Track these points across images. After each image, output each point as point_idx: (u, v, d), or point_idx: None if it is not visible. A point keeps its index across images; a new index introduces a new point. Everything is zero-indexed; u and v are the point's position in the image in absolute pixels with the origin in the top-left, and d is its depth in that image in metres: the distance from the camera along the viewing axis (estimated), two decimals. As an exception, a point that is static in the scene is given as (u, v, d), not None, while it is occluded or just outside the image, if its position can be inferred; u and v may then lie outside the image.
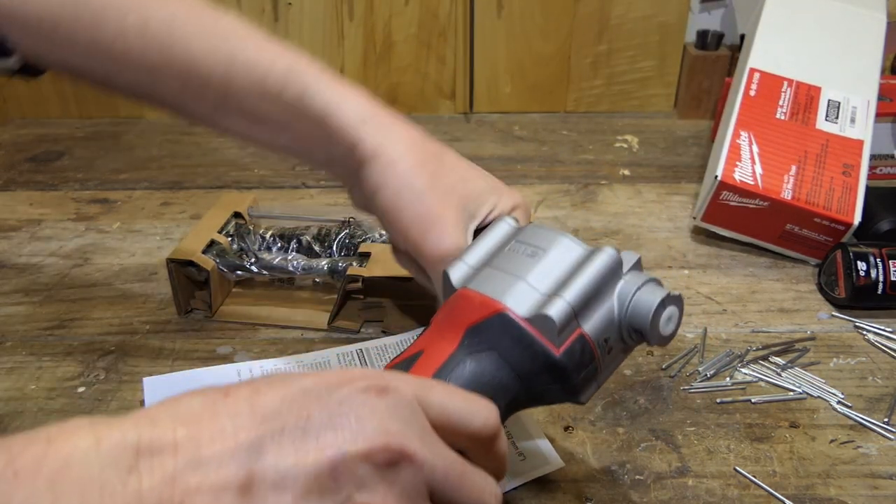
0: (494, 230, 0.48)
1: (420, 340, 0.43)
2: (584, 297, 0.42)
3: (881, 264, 0.70)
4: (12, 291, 0.76)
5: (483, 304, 0.42)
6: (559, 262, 0.43)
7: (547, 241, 0.44)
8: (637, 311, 0.43)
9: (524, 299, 0.42)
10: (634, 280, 0.44)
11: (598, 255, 0.43)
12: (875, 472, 0.55)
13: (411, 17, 1.12)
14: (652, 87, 1.18)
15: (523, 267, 0.43)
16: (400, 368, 0.42)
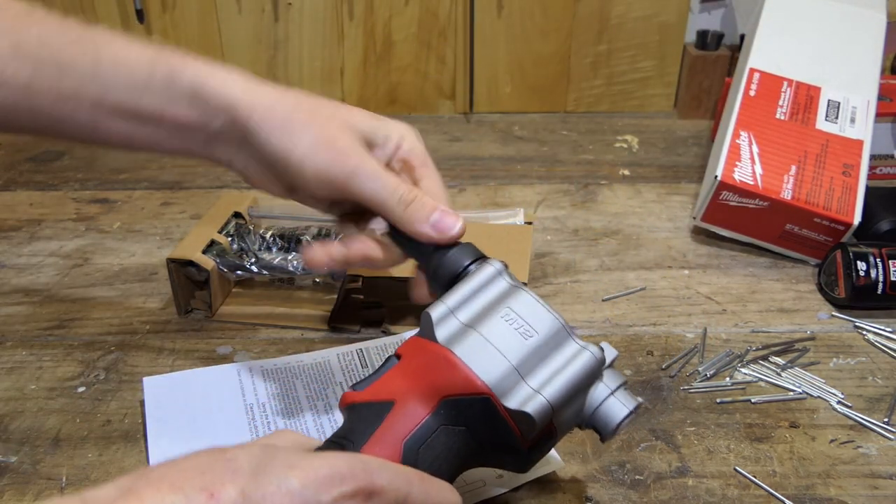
0: (480, 274, 0.46)
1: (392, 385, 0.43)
2: (563, 398, 0.42)
3: (881, 264, 0.70)
4: (12, 291, 0.75)
5: (467, 381, 0.41)
6: (549, 353, 0.43)
7: (541, 323, 0.43)
8: (604, 418, 0.44)
9: (510, 388, 0.41)
10: (609, 383, 0.44)
11: (585, 355, 0.43)
12: (875, 472, 0.55)
13: (411, 17, 1.12)
14: (652, 87, 1.18)
15: (514, 348, 0.42)
16: (370, 413, 0.42)
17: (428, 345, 0.43)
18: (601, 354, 0.44)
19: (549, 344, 0.43)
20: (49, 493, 0.53)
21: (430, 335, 0.44)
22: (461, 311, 0.44)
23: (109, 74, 0.50)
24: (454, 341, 0.43)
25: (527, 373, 0.42)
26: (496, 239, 0.71)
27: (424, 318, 0.44)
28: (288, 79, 1.14)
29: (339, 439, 0.42)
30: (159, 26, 1.10)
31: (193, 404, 0.59)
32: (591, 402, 0.44)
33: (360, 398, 0.43)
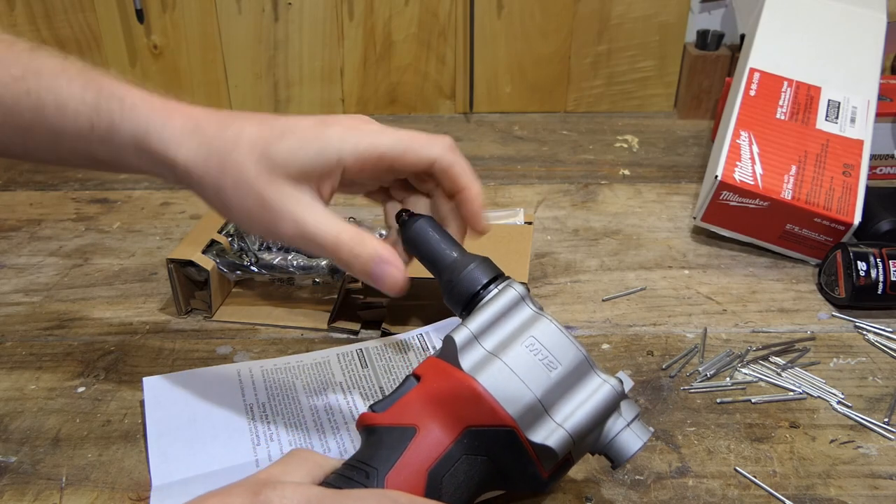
0: (502, 298, 0.46)
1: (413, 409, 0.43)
2: (584, 432, 0.43)
3: (881, 264, 0.70)
4: (12, 291, 0.76)
5: (493, 413, 0.42)
6: (571, 385, 0.44)
7: (564, 355, 0.44)
8: (618, 449, 0.45)
9: (533, 421, 0.42)
10: (626, 415, 0.45)
11: (606, 389, 0.44)
12: (875, 472, 0.55)
13: (411, 17, 1.12)
14: (652, 87, 1.18)
15: (538, 380, 0.43)
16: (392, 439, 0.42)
17: (450, 370, 0.44)
18: (621, 388, 0.44)
19: (571, 376, 0.44)
20: (49, 493, 0.53)
21: (454, 360, 0.44)
22: (485, 338, 0.45)
23: (54, 120, 0.48)
24: (479, 369, 0.43)
25: (550, 405, 0.43)
26: (496, 239, 0.71)
27: (447, 343, 0.45)
28: (288, 79, 1.14)
29: (363, 465, 0.41)
30: (159, 26, 1.10)
31: (193, 404, 0.59)
32: (607, 432, 0.45)
33: (380, 421, 0.43)
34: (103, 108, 0.48)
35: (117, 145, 0.48)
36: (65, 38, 1.10)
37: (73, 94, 0.48)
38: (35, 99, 0.48)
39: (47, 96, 0.48)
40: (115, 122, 0.48)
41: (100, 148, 0.49)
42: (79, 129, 0.48)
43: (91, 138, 0.48)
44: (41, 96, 0.48)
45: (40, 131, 0.49)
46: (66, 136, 0.49)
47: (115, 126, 0.48)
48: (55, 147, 0.50)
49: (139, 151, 0.48)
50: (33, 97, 0.48)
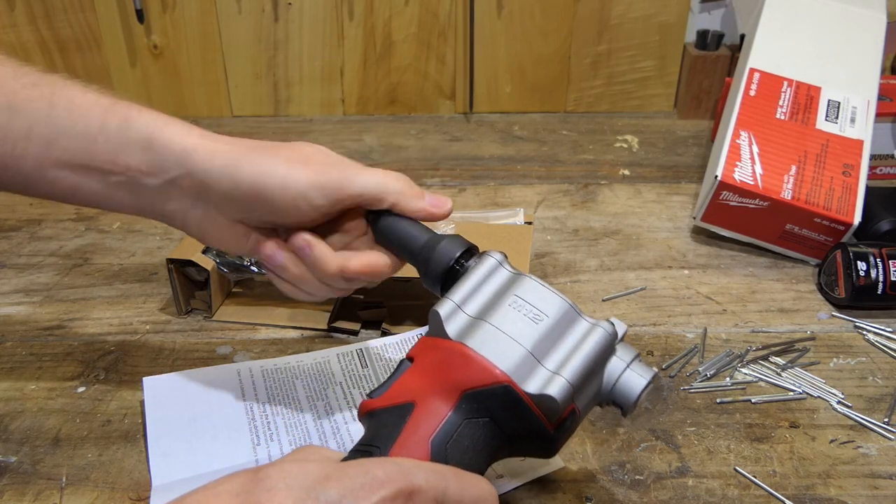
0: (481, 267, 0.46)
1: (409, 386, 0.43)
2: (582, 377, 0.42)
3: (881, 264, 0.70)
4: (12, 291, 0.76)
5: (485, 371, 0.41)
6: (561, 334, 0.43)
7: (549, 307, 0.44)
8: (623, 392, 0.45)
9: (528, 373, 0.42)
10: (623, 357, 0.45)
11: (597, 331, 0.44)
12: (875, 472, 0.55)
13: (411, 17, 1.12)
14: (652, 87, 1.18)
15: (525, 333, 0.43)
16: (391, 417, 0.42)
17: (440, 342, 0.43)
18: (613, 329, 0.44)
19: (560, 325, 0.44)
20: (49, 493, 0.53)
21: (441, 333, 0.44)
22: (468, 304, 0.45)
23: (63, 118, 0.49)
24: (466, 335, 0.43)
25: (542, 356, 0.42)
26: (496, 239, 0.71)
27: (433, 317, 0.44)
28: (288, 79, 1.14)
29: (365, 447, 0.41)
30: (159, 26, 1.10)
31: (193, 404, 0.59)
32: (608, 378, 0.44)
33: (378, 404, 0.43)
34: (117, 110, 0.49)
35: (125, 140, 0.49)
36: (65, 38, 1.10)
37: (87, 98, 0.49)
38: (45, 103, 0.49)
39: (60, 100, 0.49)
40: (128, 118, 0.49)
41: (102, 147, 0.49)
42: (87, 126, 0.49)
43: (97, 137, 0.49)
44: (53, 100, 0.49)
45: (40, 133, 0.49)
46: (66, 137, 0.49)
47: (129, 120, 0.49)
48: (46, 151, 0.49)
49: (148, 147, 0.49)
50: (45, 101, 0.49)
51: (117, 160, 0.49)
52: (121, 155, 0.49)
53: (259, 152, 0.49)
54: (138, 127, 0.49)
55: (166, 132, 0.49)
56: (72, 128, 0.49)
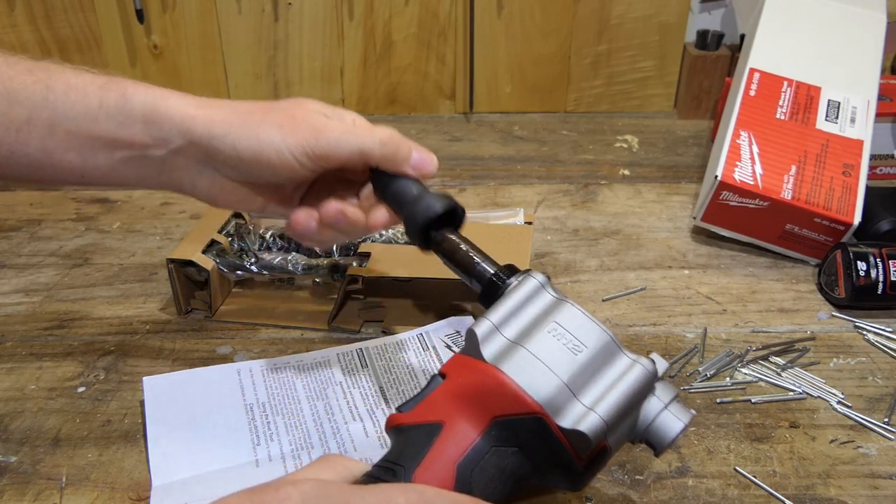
0: (523, 288, 0.45)
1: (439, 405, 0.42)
2: (618, 415, 0.41)
3: (881, 264, 0.70)
4: (12, 291, 0.76)
5: (518, 400, 0.40)
6: (600, 368, 0.42)
7: (589, 338, 0.42)
8: (658, 433, 0.43)
9: (562, 406, 0.40)
10: (662, 397, 0.43)
11: (637, 369, 0.42)
12: (875, 472, 0.55)
13: (411, 17, 1.12)
14: (652, 87, 1.18)
15: (563, 363, 0.41)
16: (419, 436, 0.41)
17: (474, 363, 0.42)
18: (653, 367, 0.43)
19: (599, 359, 0.42)
20: (49, 493, 0.53)
21: (476, 353, 0.43)
22: (506, 327, 0.43)
23: (61, 101, 0.49)
24: (502, 359, 0.42)
25: (578, 389, 0.41)
26: (496, 239, 0.71)
27: (469, 336, 0.44)
28: (288, 79, 1.14)
29: (390, 464, 0.41)
30: (159, 26, 1.10)
31: (193, 404, 0.59)
32: (644, 416, 0.43)
33: (406, 420, 0.42)
34: (113, 87, 0.50)
35: (125, 116, 0.50)
36: (65, 38, 1.10)
37: (82, 79, 0.50)
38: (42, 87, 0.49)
39: (56, 83, 0.50)
40: (126, 94, 0.50)
41: (103, 125, 0.50)
42: (86, 107, 0.50)
43: (98, 115, 0.50)
44: (49, 84, 0.49)
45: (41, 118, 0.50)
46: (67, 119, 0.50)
47: (126, 96, 0.50)
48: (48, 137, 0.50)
49: (148, 121, 0.50)
50: (40, 85, 0.49)
51: (120, 136, 0.50)
52: (123, 131, 0.50)
53: (255, 118, 0.50)
54: (136, 101, 0.50)
55: (164, 104, 0.50)
56: (71, 109, 0.49)
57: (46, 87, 0.49)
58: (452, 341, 0.66)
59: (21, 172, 0.52)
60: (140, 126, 0.50)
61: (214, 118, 0.50)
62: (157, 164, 0.51)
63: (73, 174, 0.52)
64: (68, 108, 0.50)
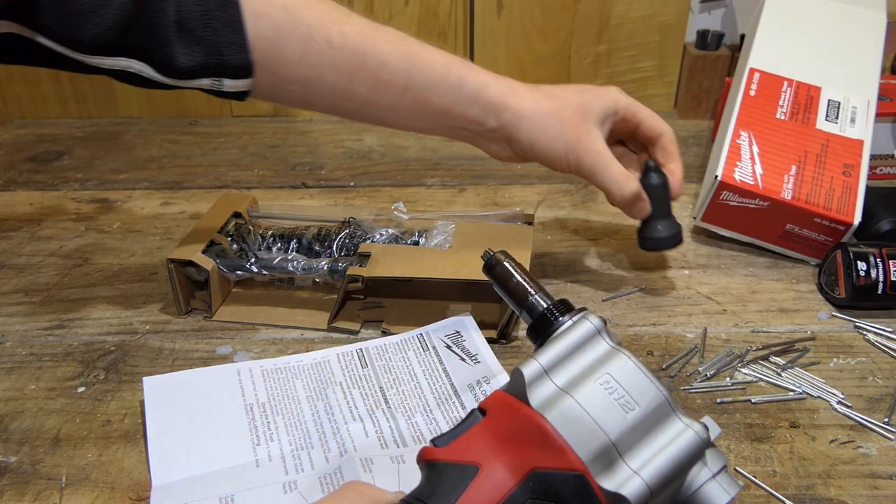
0: (577, 331, 0.43)
1: (477, 446, 0.40)
2: (663, 482, 0.39)
3: (881, 264, 0.70)
4: (12, 291, 0.76)
5: (561, 454, 0.38)
6: (650, 429, 0.40)
7: (643, 396, 0.40)
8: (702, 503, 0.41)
9: (606, 466, 0.39)
10: (711, 466, 0.41)
11: (689, 435, 0.40)
12: (875, 472, 0.55)
13: (411, 17, 1.11)
14: (652, 87, 1.18)
15: (612, 421, 0.39)
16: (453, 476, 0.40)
17: (518, 406, 0.41)
18: (706, 435, 0.41)
19: (650, 419, 0.40)
20: (49, 493, 0.53)
21: (521, 395, 0.41)
22: (556, 372, 0.41)
23: (416, 72, 0.62)
24: (548, 407, 0.40)
25: (625, 450, 0.39)
26: (497, 239, 0.71)
27: (515, 375, 0.42)
28: (288, 79, 1.14)
29: (419, 502, 0.39)
30: (159, 26, 1.10)
31: (193, 404, 0.59)
32: (689, 482, 0.41)
33: (441, 456, 0.41)
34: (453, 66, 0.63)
35: (461, 94, 0.63)
36: (65, 38, 1.10)
37: (431, 53, 0.63)
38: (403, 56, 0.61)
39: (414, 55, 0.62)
40: (463, 76, 0.63)
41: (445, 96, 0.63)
42: (433, 80, 0.62)
43: (441, 90, 0.63)
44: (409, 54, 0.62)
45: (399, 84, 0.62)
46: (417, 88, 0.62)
47: (463, 80, 0.63)
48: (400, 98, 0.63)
49: (475, 101, 0.63)
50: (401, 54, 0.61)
51: (452, 110, 0.64)
52: (455, 107, 0.63)
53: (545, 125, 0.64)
54: (469, 85, 0.63)
55: (489, 92, 0.63)
56: (423, 81, 0.62)
57: (407, 56, 0.61)
58: (452, 341, 0.66)
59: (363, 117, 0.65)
60: (468, 105, 0.63)
61: (523, 113, 0.64)
62: (470, 135, 0.66)
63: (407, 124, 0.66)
64: (422, 80, 0.62)
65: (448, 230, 0.72)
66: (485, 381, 0.62)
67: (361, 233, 0.73)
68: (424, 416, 0.59)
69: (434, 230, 0.72)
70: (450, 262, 0.67)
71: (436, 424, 0.58)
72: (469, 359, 0.64)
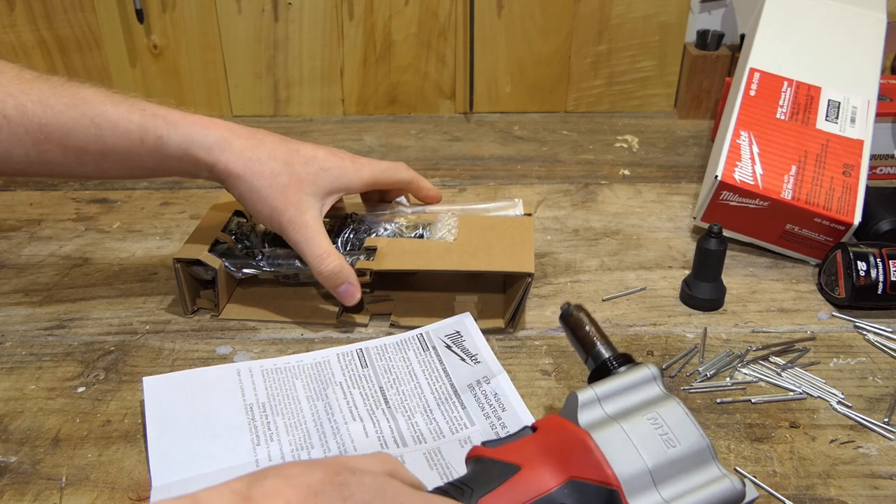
0: (634, 374, 0.47)
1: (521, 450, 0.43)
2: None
3: (881, 264, 0.70)
4: (12, 291, 0.76)
5: (599, 468, 0.41)
6: (687, 469, 0.42)
7: (686, 436, 0.43)
8: None
9: (640, 489, 0.41)
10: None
11: (725, 484, 0.42)
12: (875, 472, 0.55)
13: (411, 17, 1.11)
14: (652, 87, 1.18)
15: (653, 451, 0.42)
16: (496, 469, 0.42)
17: (567, 424, 0.44)
18: (742, 488, 0.42)
19: (689, 460, 0.42)
20: (49, 493, 0.53)
21: (572, 416, 0.44)
22: (608, 402, 0.45)
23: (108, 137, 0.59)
24: (595, 428, 0.43)
25: (660, 481, 0.41)
26: (498, 231, 0.71)
27: (570, 399, 0.45)
28: (288, 79, 1.14)
29: (462, 484, 0.42)
30: (159, 26, 1.10)
31: (193, 404, 0.59)
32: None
33: (489, 454, 0.43)
34: (150, 126, 0.60)
35: (164, 154, 0.61)
36: (65, 38, 1.10)
37: (121, 115, 0.60)
38: (89, 122, 0.59)
39: (100, 119, 0.59)
40: (162, 136, 0.60)
41: (148, 158, 0.61)
42: (130, 144, 0.60)
43: (140, 151, 0.60)
44: (94, 120, 0.59)
45: (93, 150, 0.59)
46: (116, 152, 0.60)
47: (162, 140, 0.60)
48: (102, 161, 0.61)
49: (183, 159, 0.61)
50: (86, 121, 0.58)
51: (161, 168, 0.62)
52: (162, 165, 0.62)
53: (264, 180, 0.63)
54: (171, 145, 0.60)
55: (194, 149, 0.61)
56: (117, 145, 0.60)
57: (93, 122, 0.59)
58: (452, 341, 0.66)
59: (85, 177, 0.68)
60: (175, 163, 0.62)
61: (232, 166, 0.62)
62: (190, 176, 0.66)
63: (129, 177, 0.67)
64: (115, 144, 0.60)
65: (451, 223, 0.73)
66: (485, 381, 0.62)
67: (365, 227, 0.73)
68: (424, 416, 0.59)
69: (437, 223, 0.72)
70: (456, 254, 0.68)
71: (436, 424, 0.58)
72: (469, 359, 0.64)
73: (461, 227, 0.72)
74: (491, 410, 0.59)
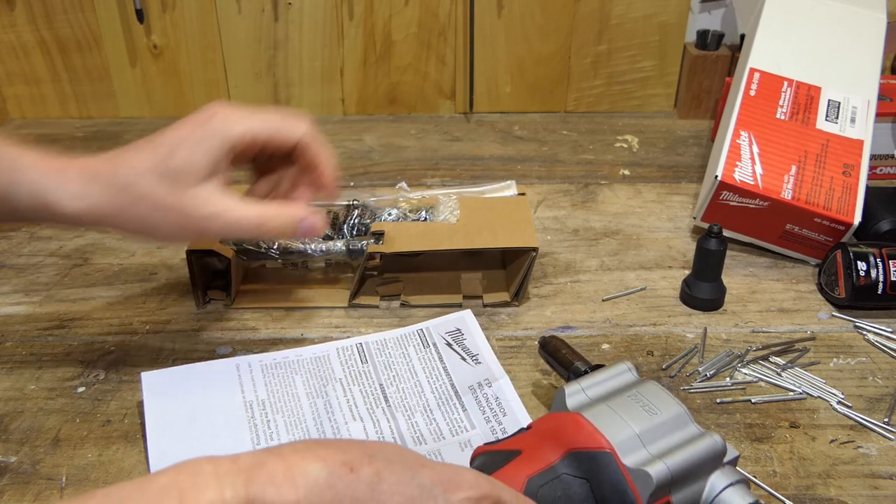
0: (611, 369, 0.52)
1: (520, 440, 0.47)
2: (683, 470, 0.44)
3: (881, 264, 0.70)
4: (12, 291, 0.75)
5: (592, 437, 0.45)
6: (671, 430, 0.46)
7: (664, 406, 0.48)
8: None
9: (632, 451, 0.45)
10: (729, 475, 0.46)
11: (706, 439, 0.46)
12: (875, 472, 0.55)
13: (411, 17, 1.11)
14: (652, 87, 1.18)
15: (637, 419, 0.46)
16: (497, 459, 0.46)
17: (558, 414, 0.48)
18: (722, 444, 0.46)
19: (671, 423, 0.47)
20: (49, 493, 0.53)
21: (562, 408, 0.49)
22: (591, 390, 0.50)
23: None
24: (583, 409, 0.48)
25: (649, 442, 0.45)
26: (497, 211, 0.73)
27: (558, 394, 0.50)
28: (288, 79, 1.14)
29: None
30: (159, 26, 1.10)
31: (192, 400, 0.59)
32: (710, 490, 0.46)
33: (490, 448, 0.48)
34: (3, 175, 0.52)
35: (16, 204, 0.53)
36: (65, 38, 1.10)
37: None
38: None
39: None
40: (11, 183, 0.52)
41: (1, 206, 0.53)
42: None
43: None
44: None
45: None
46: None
47: (11, 188, 0.52)
48: None
49: (37, 208, 0.53)
50: None
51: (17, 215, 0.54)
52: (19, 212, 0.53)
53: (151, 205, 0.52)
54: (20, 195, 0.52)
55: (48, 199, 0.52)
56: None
57: None
58: (453, 339, 0.66)
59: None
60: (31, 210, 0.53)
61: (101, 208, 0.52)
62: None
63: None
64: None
65: (452, 205, 0.74)
66: (486, 384, 0.61)
67: (370, 213, 0.74)
68: (424, 415, 0.59)
69: (439, 206, 0.74)
70: (461, 234, 0.70)
71: (436, 425, 0.58)
72: (470, 358, 0.64)
73: (462, 209, 0.74)
74: (492, 414, 0.59)
